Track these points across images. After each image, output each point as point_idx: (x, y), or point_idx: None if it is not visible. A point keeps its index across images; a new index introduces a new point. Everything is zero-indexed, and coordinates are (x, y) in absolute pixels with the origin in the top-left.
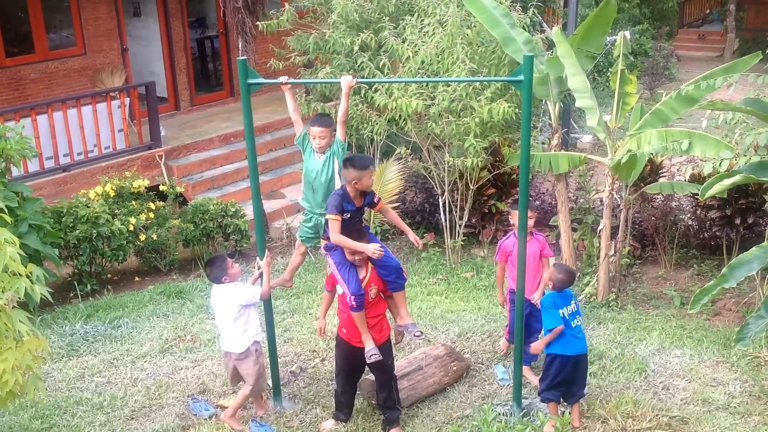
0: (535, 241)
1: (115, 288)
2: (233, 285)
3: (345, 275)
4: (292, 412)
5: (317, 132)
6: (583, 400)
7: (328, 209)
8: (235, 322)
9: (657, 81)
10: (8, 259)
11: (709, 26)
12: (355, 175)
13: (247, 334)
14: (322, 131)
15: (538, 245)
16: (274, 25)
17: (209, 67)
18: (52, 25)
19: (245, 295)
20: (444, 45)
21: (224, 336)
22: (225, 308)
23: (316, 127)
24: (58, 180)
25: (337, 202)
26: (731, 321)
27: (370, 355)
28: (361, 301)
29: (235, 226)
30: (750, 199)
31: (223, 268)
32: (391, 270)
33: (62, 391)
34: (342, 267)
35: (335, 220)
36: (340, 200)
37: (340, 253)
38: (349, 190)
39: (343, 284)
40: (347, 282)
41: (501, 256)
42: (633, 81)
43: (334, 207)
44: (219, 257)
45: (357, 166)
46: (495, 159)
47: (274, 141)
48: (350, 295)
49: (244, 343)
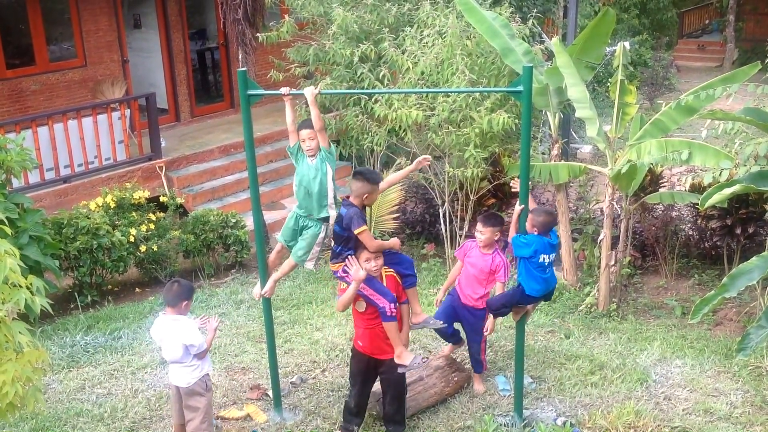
0: (491, 258)
1: (115, 299)
2: (184, 319)
3: (378, 288)
4: (293, 423)
5: (306, 134)
6: (585, 411)
7: (355, 223)
8: (182, 358)
9: (657, 91)
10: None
11: (708, 36)
12: (368, 189)
13: (197, 371)
14: (310, 133)
15: (491, 263)
16: (274, 36)
17: (209, 79)
18: (53, 37)
19: (190, 337)
20: (444, 56)
21: (172, 368)
22: (170, 342)
23: (304, 130)
24: (59, 191)
25: (359, 213)
26: (732, 331)
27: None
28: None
29: (235, 237)
30: (750, 209)
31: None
32: (408, 265)
33: (63, 403)
34: (370, 281)
35: (366, 230)
36: (359, 211)
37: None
38: (356, 203)
39: (380, 298)
40: (384, 293)
41: (461, 253)
42: (633, 91)
43: (359, 219)
44: (187, 283)
45: (370, 181)
46: (495, 169)
47: (274, 152)
48: (389, 306)
49: (193, 377)
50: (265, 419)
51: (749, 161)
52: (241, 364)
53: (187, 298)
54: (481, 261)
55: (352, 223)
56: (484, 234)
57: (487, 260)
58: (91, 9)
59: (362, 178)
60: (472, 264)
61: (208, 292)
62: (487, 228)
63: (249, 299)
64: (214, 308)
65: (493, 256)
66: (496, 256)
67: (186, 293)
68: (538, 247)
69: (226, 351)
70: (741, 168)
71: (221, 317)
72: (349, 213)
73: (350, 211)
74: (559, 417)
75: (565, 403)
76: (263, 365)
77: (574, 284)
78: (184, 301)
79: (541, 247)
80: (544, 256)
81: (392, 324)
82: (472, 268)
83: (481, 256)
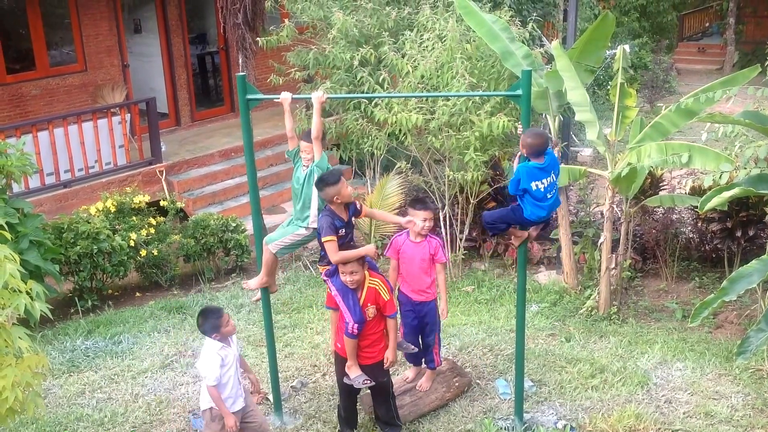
0: (426, 243)
1: (115, 303)
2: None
3: (348, 303)
4: (293, 427)
5: (305, 146)
6: (585, 414)
7: (323, 232)
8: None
9: (657, 94)
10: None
11: (708, 39)
12: (334, 191)
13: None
14: (308, 146)
15: (429, 248)
16: (274, 40)
17: (210, 83)
18: (53, 42)
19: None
20: (443, 59)
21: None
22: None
23: (304, 142)
24: (59, 196)
25: (329, 222)
26: (733, 334)
27: (360, 382)
28: (360, 330)
29: (235, 241)
30: (751, 212)
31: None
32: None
33: (63, 408)
34: (344, 294)
35: (332, 241)
36: (330, 219)
37: (339, 280)
38: (334, 208)
39: (346, 313)
40: (351, 311)
41: (392, 251)
42: (633, 94)
43: (328, 228)
44: (213, 310)
45: (331, 182)
46: (495, 173)
47: (274, 156)
48: (353, 324)
49: (202, 401)
50: None
51: (749, 164)
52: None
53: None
54: (418, 250)
55: (321, 231)
56: (429, 221)
57: (424, 246)
58: (91, 14)
59: (323, 185)
60: (409, 258)
61: (208, 296)
62: (429, 211)
63: (249, 303)
64: None
65: (427, 240)
66: (429, 240)
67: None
68: (522, 175)
69: None
70: (741, 171)
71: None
72: (321, 221)
73: (322, 219)
74: (559, 420)
75: (566, 407)
76: (264, 369)
77: (575, 287)
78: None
79: (527, 174)
80: (537, 183)
81: (350, 341)
82: (410, 261)
83: (415, 246)
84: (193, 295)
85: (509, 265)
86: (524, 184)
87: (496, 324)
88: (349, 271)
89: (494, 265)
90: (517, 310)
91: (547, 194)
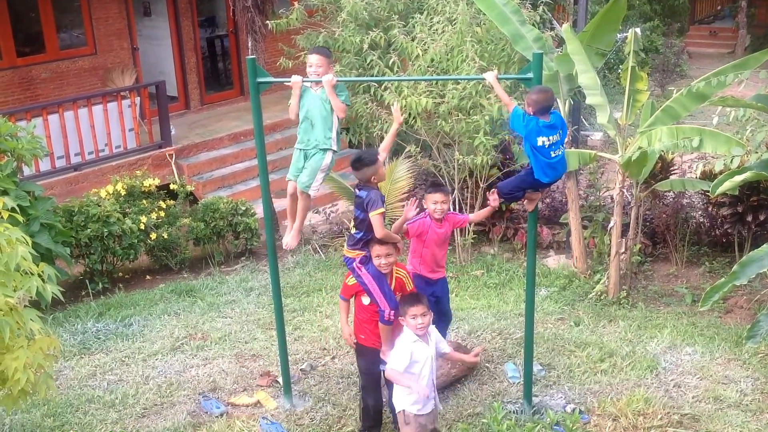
0: (446, 223)
1: (126, 286)
2: (408, 335)
3: (384, 290)
4: (302, 409)
5: (314, 60)
6: (594, 398)
7: (375, 204)
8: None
9: (668, 78)
10: (20, 258)
11: (720, 23)
12: (371, 171)
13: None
14: (319, 59)
15: (450, 226)
16: (284, 24)
17: (219, 66)
18: (63, 25)
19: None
20: (453, 43)
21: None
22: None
23: (313, 55)
24: (70, 179)
25: (382, 197)
26: (743, 318)
27: None
28: (396, 316)
29: (245, 224)
30: (762, 196)
31: (373, 167)
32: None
33: (74, 389)
34: (380, 281)
35: (383, 214)
36: (382, 195)
37: (374, 267)
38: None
39: (381, 300)
40: (387, 297)
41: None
42: (644, 78)
43: (380, 199)
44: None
45: (369, 162)
46: (505, 157)
47: (284, 139)
48: (389, 311)
49: (398, 404)
50: (274, 406)
51: (760, 148)
52: (252, 351)
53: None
54: (441, 231)
55: (372, 204)
56: (445, 203)
57: (446, 226)
58: None
59: (361, 165)
60: (433, 239)
61: (218, 280)
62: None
63: (259, 286)
64: (224, 295)
65: (446, 219)
66: (449, 217)
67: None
68: (532, 127)
69: (236, 338)
70: (752, 155)
71: (231, 304)
72: (371, 194)
73: (371, 192)
74: (568, 404)
75: (575, 391)
76: (273, 352)
77: (584, 272)
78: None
79: (535, 128)
80: (543, 139)
81: (386, 327)
82: (433, 242)
83: (438, 227)
84: (202, 279)
85: (518, 250)
86: (531, 139)
87: (505, 308)
88: (385, 254)
89: (503, 249)
90: (527, 294)
91: (551, 151)
